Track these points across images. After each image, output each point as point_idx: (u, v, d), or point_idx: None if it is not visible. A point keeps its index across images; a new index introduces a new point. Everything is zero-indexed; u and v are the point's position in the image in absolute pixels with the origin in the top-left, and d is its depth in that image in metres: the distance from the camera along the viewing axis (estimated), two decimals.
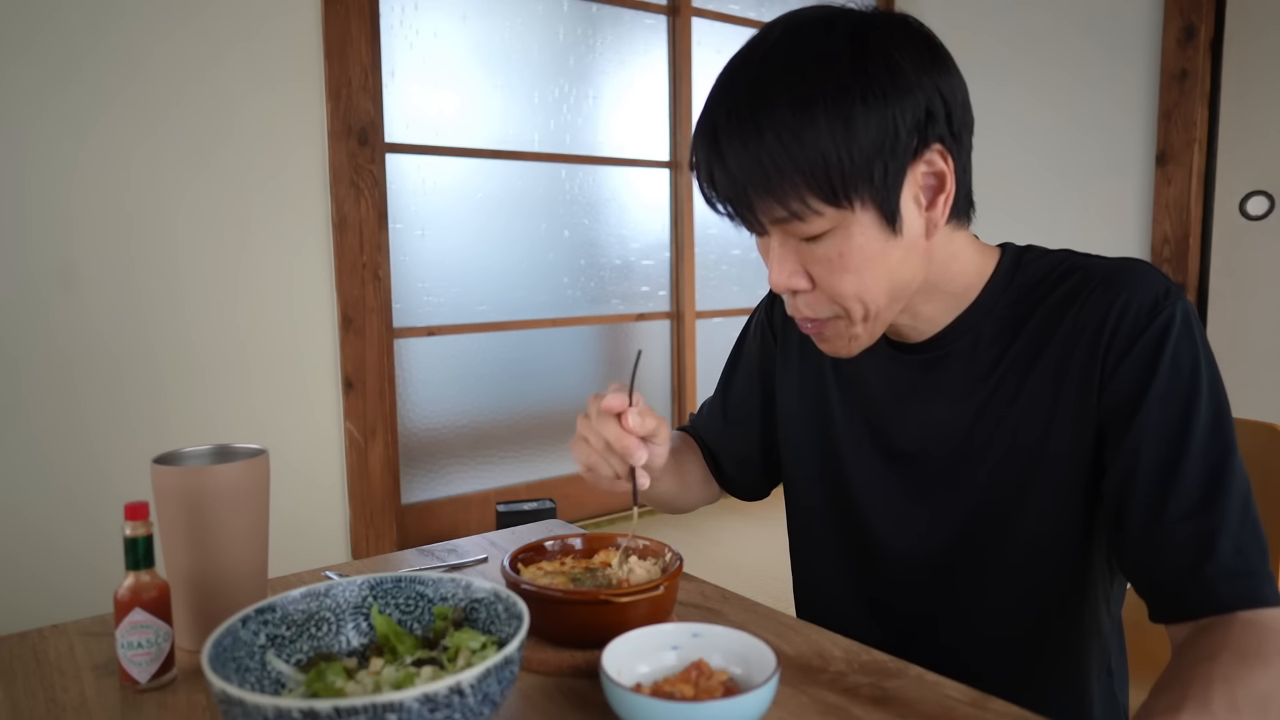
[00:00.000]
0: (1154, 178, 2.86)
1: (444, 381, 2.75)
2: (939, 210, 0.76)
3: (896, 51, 0.72)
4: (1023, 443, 0.81)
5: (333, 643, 0.68)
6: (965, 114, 0.77)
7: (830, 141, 0.69)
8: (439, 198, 2.69)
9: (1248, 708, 0.59)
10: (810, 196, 0.71)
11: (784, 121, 0.70)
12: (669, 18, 3.14)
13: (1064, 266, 0.82)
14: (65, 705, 0.68)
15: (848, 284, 0.76)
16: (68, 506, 2.04)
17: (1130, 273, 0.78)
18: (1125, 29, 2.90)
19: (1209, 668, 0.62)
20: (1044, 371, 0.80)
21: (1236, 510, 0.71)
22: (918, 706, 0.66)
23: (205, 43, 2.14)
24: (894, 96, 0.70)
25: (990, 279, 0.83)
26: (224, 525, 0.77)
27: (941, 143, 0.74)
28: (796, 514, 1.01)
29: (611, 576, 0.79)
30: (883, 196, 0.72)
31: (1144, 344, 0.75)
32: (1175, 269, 2.82)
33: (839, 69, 0.70)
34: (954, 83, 0.75)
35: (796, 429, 0.98)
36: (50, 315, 2.00)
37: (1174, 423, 0.73)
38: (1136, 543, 0.74)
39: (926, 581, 0.88)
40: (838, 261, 0.75)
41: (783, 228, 0.75)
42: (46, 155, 1.97)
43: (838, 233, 0.74)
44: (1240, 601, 0.69)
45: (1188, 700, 0.59)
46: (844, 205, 0.72)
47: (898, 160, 0.72)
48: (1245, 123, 2.71)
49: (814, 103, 0.69)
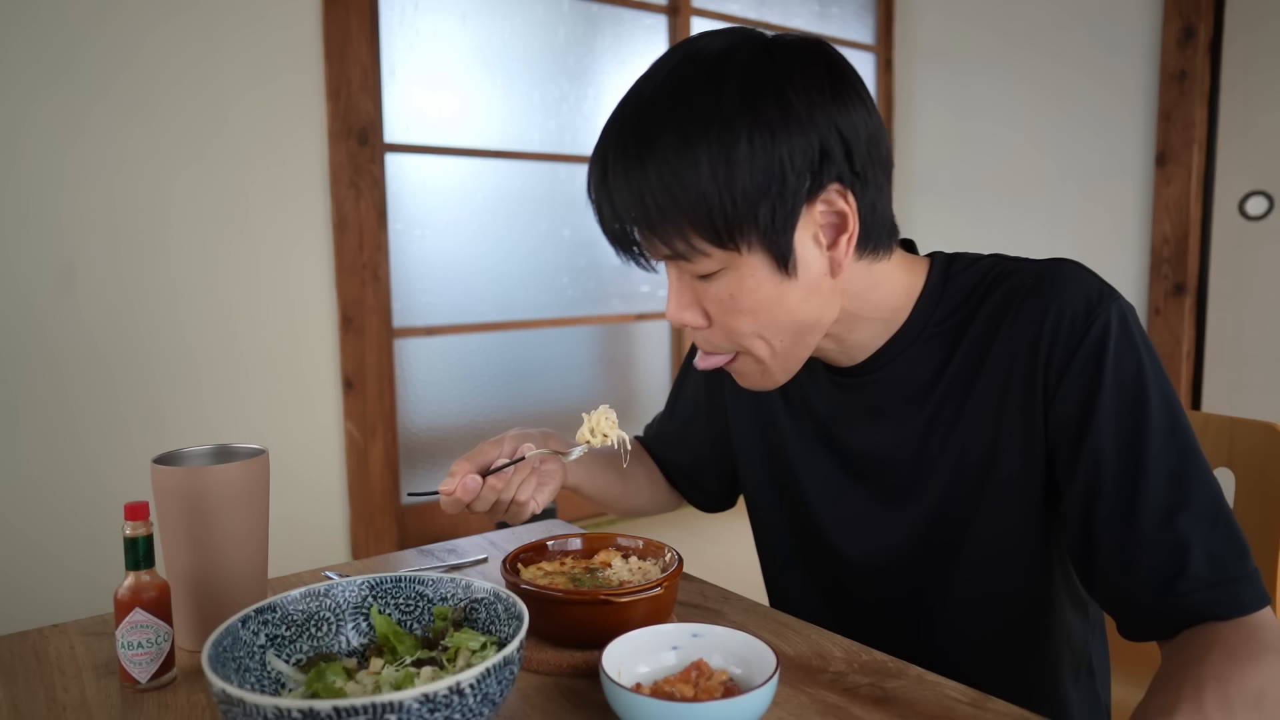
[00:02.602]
0: (1153, 178, 2.86)
1: (444, 381, 2.75)
2: (842, 249, 0.73)
3: (790, 88, 0.68)
4: (971, 461, 0.79)
5: (333, 643, 0.68)
6: (873, 149, 0.72)
7: (712, 182, 0.67)
8: (439, 198, 2.69)
9: (1241, 706, 0.59)
10: (695, 237, 0.70)
11: (667, 160, 0.67)
12: (669, 18, 3.14)
13: (993, 274, 0.79)
14: (65, 705, 0.68)
15: (743, 324, 0.74)
16: (68, 506, 2.04)
17: (1060, 277, 0.75)
18: (1125, 29, 2.90)
19: (1200, 668, 0.62)
20: (986, 388, 0.77)
21: (1205, 516, 0.69)
22: (918, 706, 0.66)
23: (205, 42, 2.14)
24: (782, 136, 0.67)
25: (920, 297, 0.81)
26: (224, 525, 0.77)
27: (840, 182, 0.70)
28: (759, 529, 1.00)
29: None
30: (772, 239, 0.70)
31: (1083, 355, 0.72)
32: (1175, 269, 2.82)
33: (726, 107, 0.67)
34: (857, 119, 0.71)
35: (748, 445, 0.97)
36: (49, 315, 2.00)
37: (1127, 437, 0.71)
38: (1105, 566, 0.72)
39: (888, 593, 0.86)
40: (730, 303, 0.73)
41: (674, 264, 0.74)
42: (45, 156, 1.97)
43: (728, 274, 0.72)
44: (1219, 612, 0.67)
45: (1181, 701, 0.59)
46: (730, 247, 0.70)
47: (787, 203, 0.69)
48: (1244, 123, 2.71)
49: (697, 142, 0.67)
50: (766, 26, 0.76)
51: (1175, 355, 2.84)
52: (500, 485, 0.83)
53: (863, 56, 3.60)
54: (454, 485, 0.81)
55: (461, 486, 0.81)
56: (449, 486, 0.82)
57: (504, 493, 0.84)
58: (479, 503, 0.83)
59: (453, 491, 0.81)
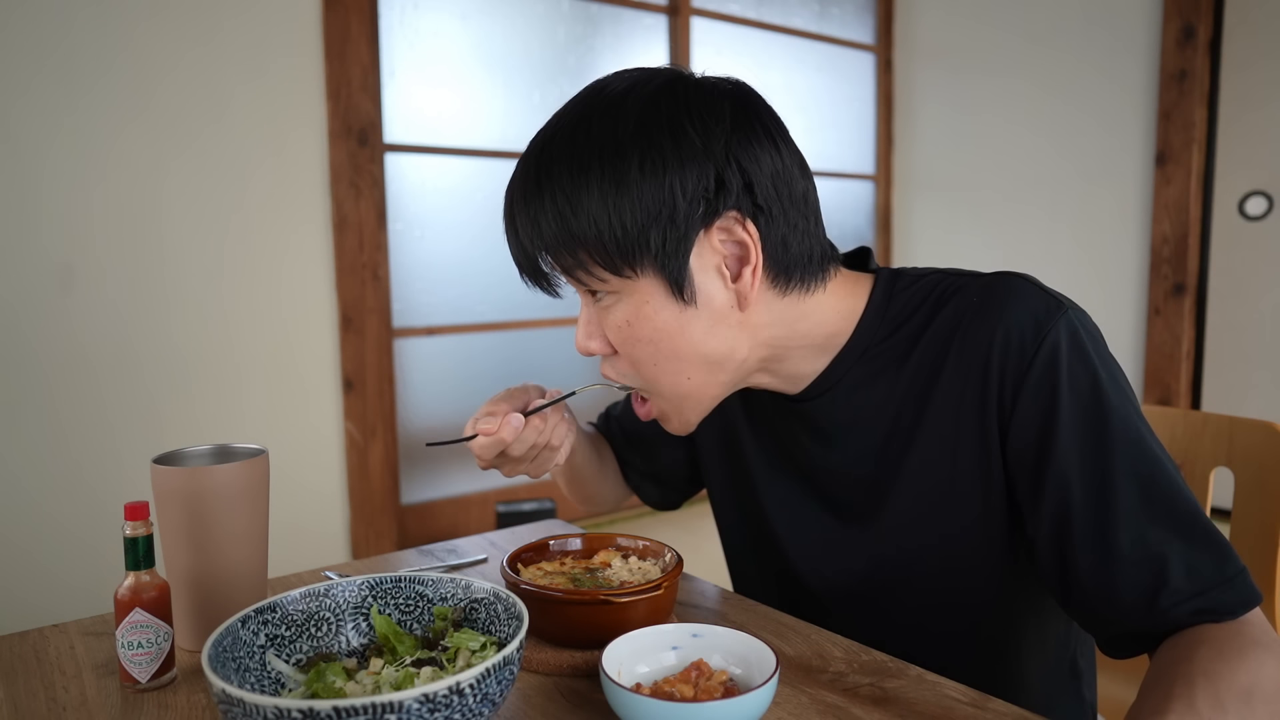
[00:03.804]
0: (1153, 178, 2.86)
1: (444, 381, 2.75)
2: (746, 282, 0.72)
3: (688, 119, 0.69)
4: (928, 484, 0.78)
5: (332, 643, 0.68)
6: (781, 184, 0.72)
7: (603, 207, 0.68)
8: (439, 198, 2.69)
9: (1231, 702, 0.59)
10: (590, 262, 0.71)
11: (561, 186, 0.69)
12: (669, 18, 3.14)
13: (937, 292, 0.78)
14: (65, 705, 0.68)
15: (643, 353, 0.74)
16: (68, 506, 2.04)
17: (1006, 294, 0.74)
18: (1124, 29, 2.90)
19: (1189, 666, 0.62)
20: (940, 411, 0.76)
21: (1180, 526, 0.67)
22: (918, 706, 0.66)
23: (205, 42, 2.14)
24: (674, 164, 0.68)
25: (860, 319, 0.79)
26: (224, 525, 0.77)
27: (739, 211, 0.70)
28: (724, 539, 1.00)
29: None
30: (665, 264, 0.70)
31: (1035, 375, 0.71)
32: (1175, 269, 2.82)
33: (620, 134, 0.69)
34: (761, 154, 0.71)
35: (712, 459, 0.97)
36: (50, 316, 2.00)
37: (1090, 455, 0.69)
38: (1082, 588, 0.71)
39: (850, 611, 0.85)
40: (628, 330, 0.73)
41: (579, 286, 0.75)
42: (46, 155, 1.97)
43: (625, 300, 0.73)
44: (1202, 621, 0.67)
45: (1172, 701, 0.59)
46: (625, 274, 0.71)
47: (679, 228, 0.69)
48: (1244, 123, 2.72)
49: (589, 168, 0.69)
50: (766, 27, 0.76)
51: (1175, 355, 2.84)
52: (541, 425, 0.82)
53: (863, 56, 3.60)
54: (496, 424, 0.79)
55: (506, 424, 0.79)
56: (490, 426, 0.79)
57: (542, 434, 0.82)
58: (518, 444, 0.81)
59: (494, 431, 0.79)
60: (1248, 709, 0.59)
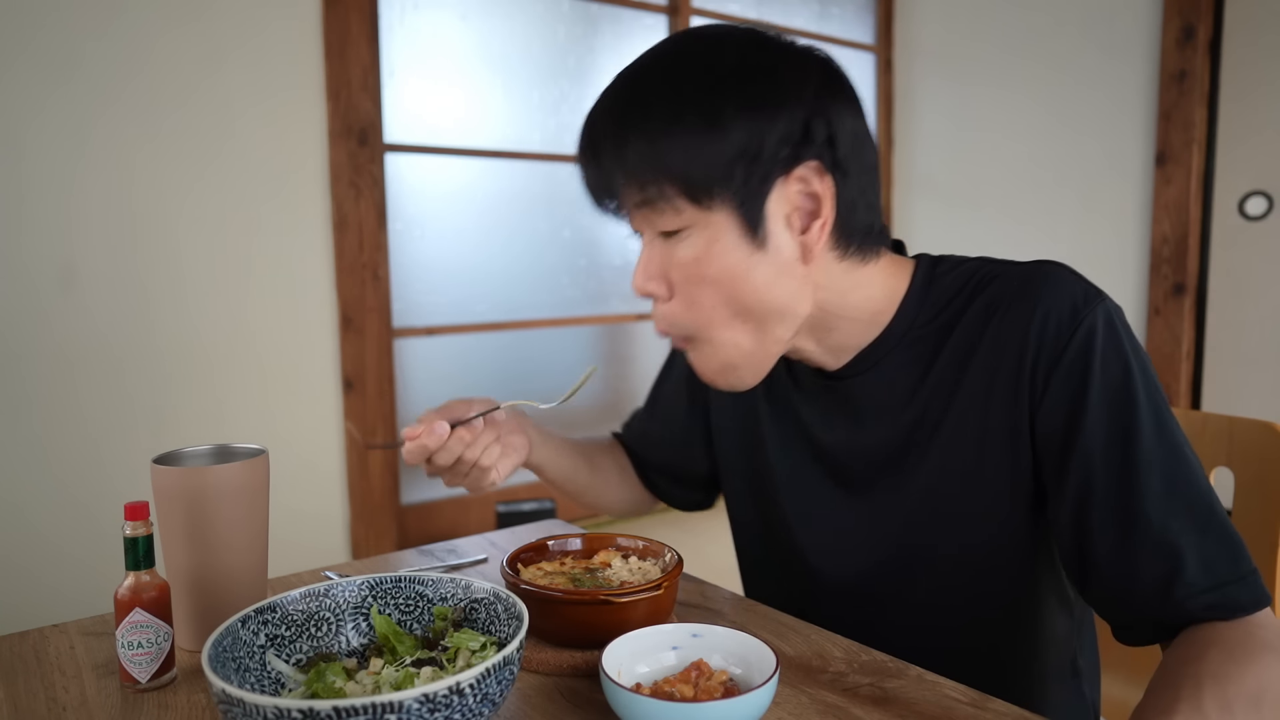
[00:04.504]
0: (1153, 178, 2.86)
1: (444, 381, 2.75)
2: (814, 235, 0.73)
3: (781, 66, 0.72)
4: (955, 464, 0.78)
5: (333, 643, 0.68)
6: (858, 148, 0.74)
7: (695, 140, 0.70)
8: (439, 198, 2.69)
9: (1240, 706, 0.59)
10: (672, 193, 0.72)
11: (656, 116, 0.71)
12: (669, 18, 3.14)
13: (977, 277, 0.79)
14: (65, 705, 0.68)
15: (705, 296, 0.74)
16: (69, 506, 2.04)
17: (1045, 280, 0.75)
18: (1124, 30, 2.90)
19: (1198, 667, 0.62)
20: (971, 392, 0.77)
21: (1199, 520, 0.68)
22: (918, 706, 0.66)
23: (206, 41, 2.14)
24: (767, 107, 0.70)
25: (903, 300, 0.81)
26: (224, 525, 0.77)
27: (820, 162, 0.72)
28: (736, 531, 1.00)
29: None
30: (743, 200, 0.71)
31: (1069, 359, 0.72)
32: (1175, 269, 2.82)
33: (719, 72, 0.71)
34: (845, 112, 0.73)
35: (729, 445, 0.97)
36: (51, 315, 2.00)
37: (1117, 440, 0.70)
38: (1099, 572, 0.72)
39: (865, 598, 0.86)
40: (694, 267, 0.74)
41: (649, 221, 0.75)
42: (47, 153, 1.97)
43: (697, 234, 0.73)
44: (1216, 616, 0.67)
45: (1180, 702, 0.59)
46: (704, 204, 0.72)
47: (762, 167, 0.71)
48: (1244, 123, 2.71)
49: (685, 102, 0.70)
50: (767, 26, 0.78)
51: (1175, 355, 2.84)
52: (468, 438, 0.83)
53: (862, 57, 3.60)
54: (420, 430, 0.81)
55: (428, 431, 0.81)
56: (414, 431, 0.81)
57: (470, 449, 0.84)
58: (443, 454, 0.83)
59: (418, 436, 0.81)
60: (1256, 713, 0.59)
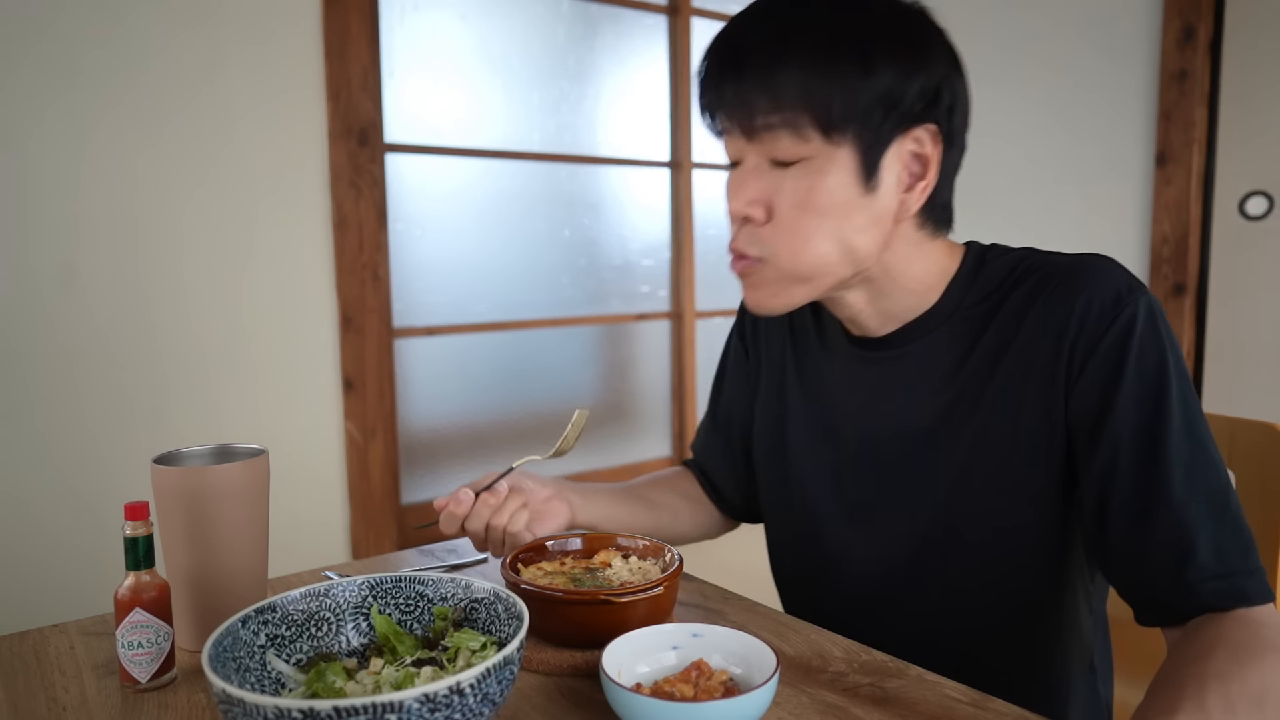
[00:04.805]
0: (1153, 178, 2.86)
1: (444, 381, 2.75)
2: (915, 195, 0.77)
3: (928, 27, 0.76)
4: (989, 446, 0.79)
5: (333, 643, 0.68)
6: (963, 125, 0.79)
7: (843, 77, 0.72)
8: (439, 198, 2.69)
9: (1242, 705, 0.59)
10: (808, 122, 0.73)
11: (813, 47, 0.72)
12: (669, 17, 3.15)
13: (1025, 265, 0.81)
14: (66, 705, 0.68)
15: (808, 225, 0.76)
16: (69, 505, 2.04)
17: (1091, 270, 0.77)
18: (1124, 30, 2.90)
19: (1202, 666, 0.62)
20: (1008, 373, 0.78)
21: (1215, 509, 0.70)
22: (918, 706, 0.66)
23: (206, 41, 2.14)
24: (915, 61, 0.74)
25: (953, 280, 0.83)
26: (224, 525, 0.77)
27: (938, 125, 0.76)
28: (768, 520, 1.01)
29: None
30: (870, 144, 0.74)
31: (1108, 343, 0.74)
32: (1175, 269, 2.82)
33: (876, 15, 0.74)
34: (962, 85, 0.78)
35: (762, 436, 0.98)
36: (49, 315, 2.00)
37: (1146, 426, 0.72)
38: (1118, 551, 0.74)
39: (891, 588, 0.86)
40: (805, 196, 0.75)
41: (765, 147, 0.76)
42: (49, 157, 1.97)
43: (814, 165, 0.75)
44: (1223, 604, 0.69)
45: (1183, 700, 0.59)
46: (834, 140, 0.73)
47: (896, 116, 0.74)
48: (1245, 123, 2.72)
49: (841, 37, 0.72)
50: None
51: None
52: (494, 503, 0.86)
53: None
54: (447, 500, 0.85)
55: (453, 498, 0.85)
56: (442, 502, 0.86)
57: (496, 516, 0.86)
58: (473, 519, 0.86)
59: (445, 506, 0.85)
60: (1259, 713, 0.60)
